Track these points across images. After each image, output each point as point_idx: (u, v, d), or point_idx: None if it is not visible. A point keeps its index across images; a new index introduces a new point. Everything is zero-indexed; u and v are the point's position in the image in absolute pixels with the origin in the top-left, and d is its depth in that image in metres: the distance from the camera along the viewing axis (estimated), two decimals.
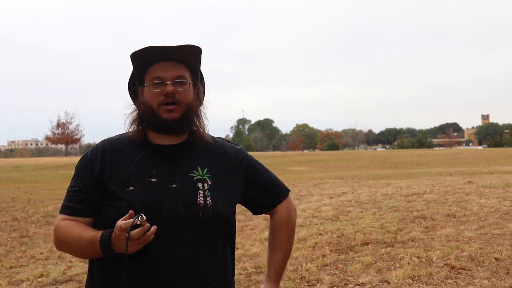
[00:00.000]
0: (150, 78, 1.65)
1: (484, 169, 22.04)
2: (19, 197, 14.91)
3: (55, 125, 70.98)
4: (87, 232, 1.57)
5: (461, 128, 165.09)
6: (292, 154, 62.81)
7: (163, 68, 1.63)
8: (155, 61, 1.64)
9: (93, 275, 1.67)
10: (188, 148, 1.70)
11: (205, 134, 1.74)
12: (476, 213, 8.51)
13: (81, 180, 1.65)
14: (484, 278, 4.85)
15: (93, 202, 1.63)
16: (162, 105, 1.63)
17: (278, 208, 1.85)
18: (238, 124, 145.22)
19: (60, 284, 5.42)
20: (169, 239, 1.56)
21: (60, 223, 1.65)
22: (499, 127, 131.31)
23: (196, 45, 1.65)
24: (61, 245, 1.66)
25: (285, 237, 1.86)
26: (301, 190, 14.22)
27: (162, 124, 1.64)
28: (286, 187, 1.90)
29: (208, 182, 1.67)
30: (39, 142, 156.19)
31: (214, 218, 1.63)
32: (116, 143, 1.71)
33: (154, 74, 1.64)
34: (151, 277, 1.55)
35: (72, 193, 1.66)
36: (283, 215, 1.85)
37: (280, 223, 1.85)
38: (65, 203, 1.67)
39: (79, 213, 1.63)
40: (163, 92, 1.62)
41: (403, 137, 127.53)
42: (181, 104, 1.64)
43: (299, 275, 5.31)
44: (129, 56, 1.65)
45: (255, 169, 1.82)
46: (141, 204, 1.56)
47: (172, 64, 1.64)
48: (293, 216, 1.88)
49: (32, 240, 8.17)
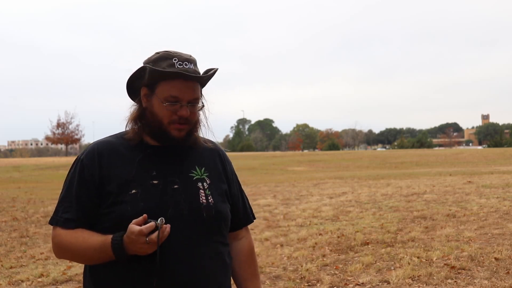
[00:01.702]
0: (165, 95, 1.59)
1: (484, 169, 22.04)
2: (19, 197, 14.91)
3: (55, 125, 70.99)
4: (93, 237, 1.55)
5: (461, 128, 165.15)
6: (292, 154, 62.81)
7: (182, 89, 1.60)
8: (175, 78, 1.60)
9: (98, 278, 1.62)
10: (185, 148, 1.70)
11: (199, 136, 1.74)
12: (476, 213, 8.51)
13: (76, 189, 1.62)
14: (484, 278, 4.85)
15: (88, 213, 1.60)
16: (174, 124, 1.62)
17: (243, 232, 1.84)
18: (238, 124, 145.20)
19: (60, 284, 5.42)
20: (175, 240, 1.55)
21: (59, 232, 1.61)
22: (499, 127, 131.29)
23: (216, 68, 1.66)
24: (63, 253, 1.63)
25: (257, 266, 1.86)
26: (301, 190, 14.22)
27: (169, 140, 1.64)
28: (253, 214, 1.90)
29: (207, 181, 1.67)
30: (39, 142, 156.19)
31: (217, 216, 1.64)
32: (111, 145, 1.67)
33: (171, 92, 1.59)
34: (161, 279, 1.54)
35: (66, 204, 1.62)
36: (250, 240, 1.85)
37: (250, 250, 1.84)
38: (60, 215, 1.61)
39: (73, 226, 1.59)
40: (177, 112, 1.60)
41: (403, 137, 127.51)
42: (191, 123, 1.65)
43: (299, 275, 5.31)
44: (150, 68, 1.58)
45: (235, 183, 1.83)
46: (145, 207, 1.55)
47: (191, 85, 1.62)
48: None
49: (32, 240, 8.17)
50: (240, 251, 1.81)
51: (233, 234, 1.80)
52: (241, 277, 1.81)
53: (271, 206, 10.89)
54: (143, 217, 1.45)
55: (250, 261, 1.82)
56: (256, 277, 1.83)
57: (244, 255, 1.81)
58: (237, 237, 1.82)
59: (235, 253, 1.80)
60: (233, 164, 1.87)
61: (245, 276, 1.80)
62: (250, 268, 1.82)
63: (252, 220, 1.87)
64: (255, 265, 1.84)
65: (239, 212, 1.80)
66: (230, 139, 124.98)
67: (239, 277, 1.81)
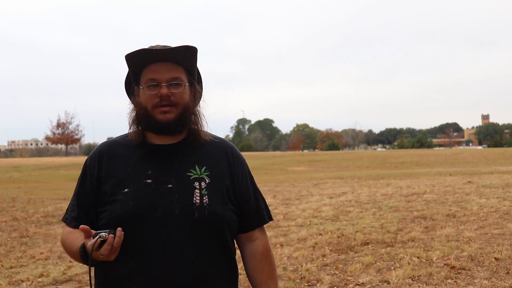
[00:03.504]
0: (145, 80, 1.63)
1: (484, 169, 22.04)
2: (19, 197, 14.92)
3: (55, 125, 71.05)
4: (77, 241, 1.58)
5: (461, 128, 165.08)
6: (292, 154, 62.81)
7: (158, 70, 1.62)
8: (150, 62, 1.63)
9: (96, 275, 1.67)
10: (185, 147, 1.68)
11: (203, 133, 1.72)
12: (476, 213, 8.52)
13: (78, 189, 1.70)
14: (484, 278, 4.85)
15: (88, 212, 1.66)
16: (157, 107, 1.62)
17: (257, 234, 1.77)
18: (238, 124, 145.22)
19: (60, 284, 5.42)
20: (164, 240, 1.55)
21: (65, 230, 1.71)
22: (499, 127, 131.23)
23: (191, 45, 1.63)
24: (65, 250, 1.70)
25: (273, 268, 1.77)
26: (301, 190, 14.22)
27: (157, 125, 1.63)
28: (269, 215, 1.82)
29: (206, 181, 1.64)
30: (39, 142, 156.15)
31: (210, 217, 1.60)
32: (113, 145, 1.71)
33: (149, 76, 1.62)
34: (148, 279, 1.54)
35: (72, 203, 1.71)
36: (265, 242, 1.77)
37: (265, 252, 1.76)
38: (66, 214, 1.71)
39: (75, 224, 1.65)
40: (158, 94, 1.61)
41: (403, 137, 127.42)
42: (177, 105, 1.63)
43: (299, 275, 5.31)
44: (124, 57, 1.64)
45: (247, 182, 1.77)
46: (135, 206, 1.56)
47: (168, 65, 1.62)
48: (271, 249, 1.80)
49: (32, 240, 8.17)
50: (254, 253, 1.75)
51: (246, 235, 1.75)
52: (256, 280, 1.74)
53: (271, 206, 10.89)
54: (80, 228, 1.48)
55: (265, 263, 1.75)
56: (273, 279, 1.75)
57: (259, 257, 1.74)
58: (251, 238, 1.75)
59: (249, 255, 1.75)
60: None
61: (261, 278, 1.74)
62: (265, 270, 1.75)
63: (267, 220, 1.78)
64: (271, 267, 1.77)
65: (250, 213, 1.74)
66: (230, 139, 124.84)
67: (254, 279, 1.75)
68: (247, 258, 1.75)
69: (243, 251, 1.77)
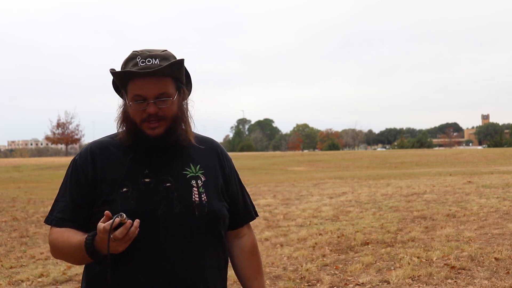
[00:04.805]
0: (131, 96, 1.59)
1: (484, 169, 22.04)
2: (19, 197, 14.92)
3: (55, 125, 71.15)
4: (76, 237, 1.54)
5: (461, 128, 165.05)
6: (292, 154, 62.82)
7: (144, 86, 1.57)
8: (137, 77, 1.58)
9: (89, 275, 1.64)
10: (178, 146, 1.69)
11: (192, 133, 1.71)
12: (476, 213, 8.51)
13: (70, 189, 1.63)
14: (484, 278, 4.85)
15: (82, 212, 1.61)
16: (145, 122, 1.60)
17: (245, 230, 1.82)
18: (238, 124, 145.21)
19: (60, 284, 5.42)
20: (166, 238, 1.55)
21: (52, 231, 1.62)
22: (499, 127, 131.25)
23: (177, 60, 1.60)
24: (55, 252, 1.64)
25: (260, 263, 1.84)
26: (301, 190, 14.23)
27: (146, 139, 1.62)
28: (255, 211, 1.88)
29: (202, 179, 1.66)
30: (39, 142, 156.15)
31: (210, 214, 1.62)
32: (104, 145, 1.68)
33: (135, 91, 1.58)
34: (149, 277, 1.54)
35: (63, 204, 1.63)
36: (253, 238, 1.83)
37: (253, 247, 1.81)
38: (55, 214, 1.63)
39: (67, 225, 1.60)
40: (145, 110, 1.58)
41: (403, 137, 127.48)
42: (166, 118, 1.61)
43: (299, 275, 5.31)
44: (111, 73, 1.60)
45: (235, 180, 1.80)
46: (137, 205, 1.55)
47: (154, 80, 1.57)
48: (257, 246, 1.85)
49: (32, 240, 8.18)
50: (242, 249, 1.79)
51: (234, 232, 1.78)
52: (245, 275, 1.79)
53: (271, 206, 10.90)
54: (105, 214, 1.43)
55: (253, 259, 1.80)
56: (260, 274, 1.81)
57: (247, 253, 1.79)
58: (239, 235, 1.80)
59: (237, 251, 1.79)
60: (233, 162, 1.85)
61: (249, 274, 1.79)
62: (253, 266, 1.80)
63: (254, 217, 1.84)
64: (259, 263, 1.82)
65: (239, 209, 1.78)
66: (230, 139, 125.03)
67: (243, 275, 1.79)
68: (235, 254, 1.79)
69: (231, 247, 1.80)
